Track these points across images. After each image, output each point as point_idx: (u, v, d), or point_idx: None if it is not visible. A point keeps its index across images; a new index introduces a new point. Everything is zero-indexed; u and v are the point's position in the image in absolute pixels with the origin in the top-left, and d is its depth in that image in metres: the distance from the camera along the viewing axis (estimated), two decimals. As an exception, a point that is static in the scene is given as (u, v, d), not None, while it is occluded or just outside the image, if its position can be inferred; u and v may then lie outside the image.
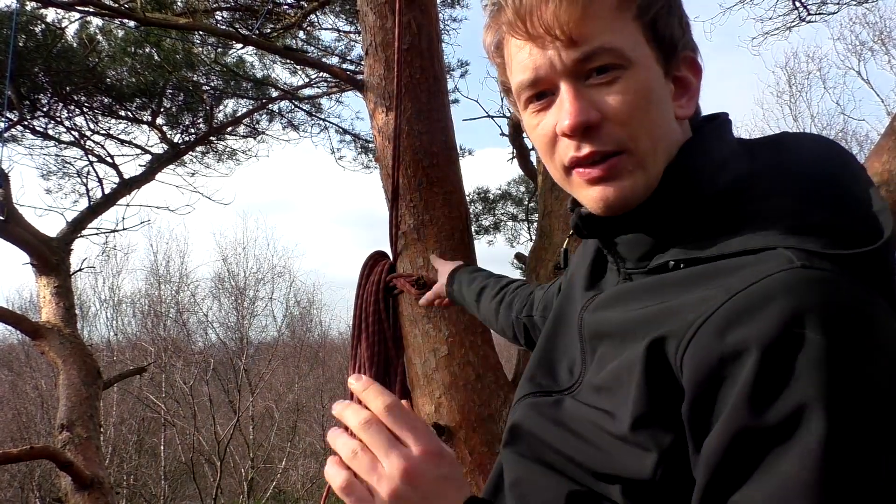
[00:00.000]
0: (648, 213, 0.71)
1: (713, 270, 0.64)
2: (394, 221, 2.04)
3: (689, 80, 0.74)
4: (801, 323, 0.54)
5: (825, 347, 0.53)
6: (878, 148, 2.09)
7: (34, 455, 3.84)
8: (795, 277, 0.57)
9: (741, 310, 0.57)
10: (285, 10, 6.08)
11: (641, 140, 0.69)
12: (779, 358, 0.54)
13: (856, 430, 0.51)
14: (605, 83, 0.69)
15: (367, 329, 1.95)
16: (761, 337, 0.55)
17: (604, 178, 0.70)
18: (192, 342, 17.28)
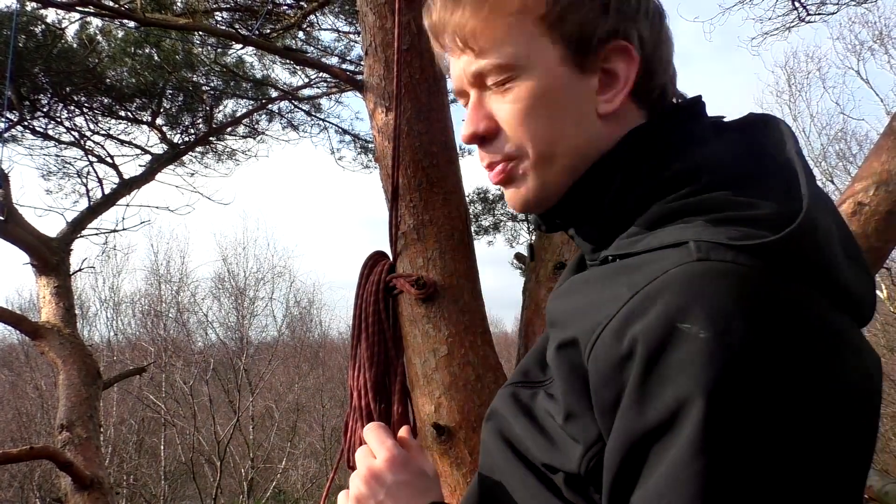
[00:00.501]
0: (569, 209, 0.73)
1: (631, 266, 0.63)
2: (393, 221, 2.04)
3: (617, 71, 0.70)
4: (684, 317, 0.53)
5: (706, 341, 0.51)
6: (877, 148, 2.10)
7: (34, 455, 3.85)
8: (688, 271, 0.56)
9: (636, 309, 0.56)
10: (285, 10, 6.08)
11: (533, 145, 0.70)
12: (660, 355, 0.53)
13: (737, 422, 0.50)
14: (500, 92, 0.70)
15: (366, 329, 1.96)
16: (646, 335, 0.54)
17: (504, 181, 0.73)
18: (192, 342, 17.29)
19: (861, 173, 2.08)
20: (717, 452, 0.50)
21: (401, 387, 1.95)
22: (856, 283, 0.61)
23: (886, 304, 12.14)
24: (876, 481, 3.58)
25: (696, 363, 0.51)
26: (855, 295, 0.61)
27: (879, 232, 1.99)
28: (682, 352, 0.52)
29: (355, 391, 1.94)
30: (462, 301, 1.99)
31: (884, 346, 12.91)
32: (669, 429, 0.52)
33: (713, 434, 0.50)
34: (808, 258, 0.57)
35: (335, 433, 16.14)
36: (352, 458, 1.95)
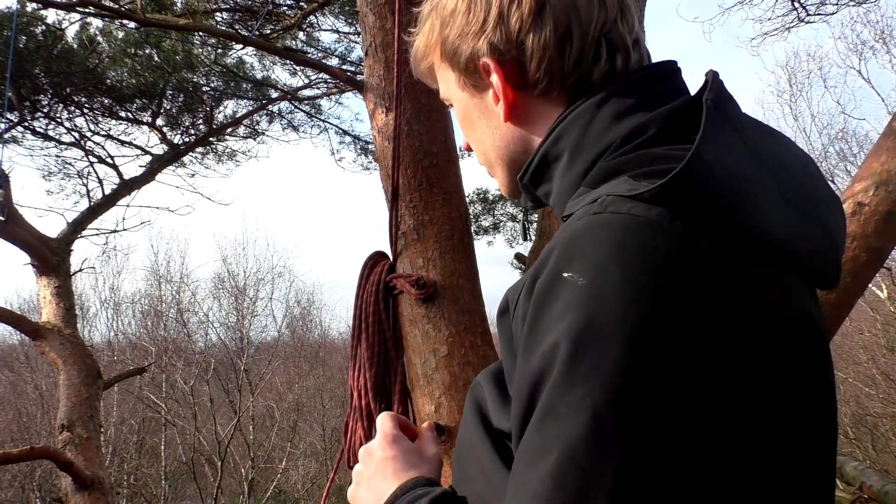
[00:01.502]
0: (535, 192, 0.80)
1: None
2: (393, 222, 2.04)
3: (488, 84, 0.77)
4: (569, 267, 0.54)
5: (582, 287, 0.52)
6: (876, 148, 2.10)
7: (34, 455, 3.85)
8: (581, 226, 0.57)
9: (538, 266, 0.59)
10: (285, 11, 6.08)
11: (481, 155, 0.84)
12: (546, 303, 0.55)
13: (599, 365, 0.50)
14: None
15: (366, 329, 1.96)
16: (539, 287, 0.56)
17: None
18: (193, 342, 17.29)
19: (861, 173, 2.08)
20: (569, 398, 0.50)
21: (401, 387, 1.96)
22: (786, 232, 0.59)
23: (886, 304, 12.13)
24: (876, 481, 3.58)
25: (569, 309, 0.52)
26: (783, 243, 0.59)
27: (879, 232, 1.99)
28: (563, 299, 0.53)
29: (355, 391, 1.94)
30: (462, 301, 1.99)
31: (884, 345, 12.90)
32: (544, 373, 0.53)
33: (568, 380, 0.51)
34: (704, 205, 0.56)
35: (335, 433, 16.15)
36: (352, 458, 1.95)
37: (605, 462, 0.48)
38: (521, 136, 0.78)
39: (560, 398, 0.51)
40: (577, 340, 0.51)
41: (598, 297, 0.52)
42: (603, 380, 0.50)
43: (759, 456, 0.53)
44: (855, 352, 13.31)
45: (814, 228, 0.62)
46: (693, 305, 0.52)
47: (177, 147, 7.13)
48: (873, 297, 12.27)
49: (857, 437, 12.58)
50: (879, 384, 12.64)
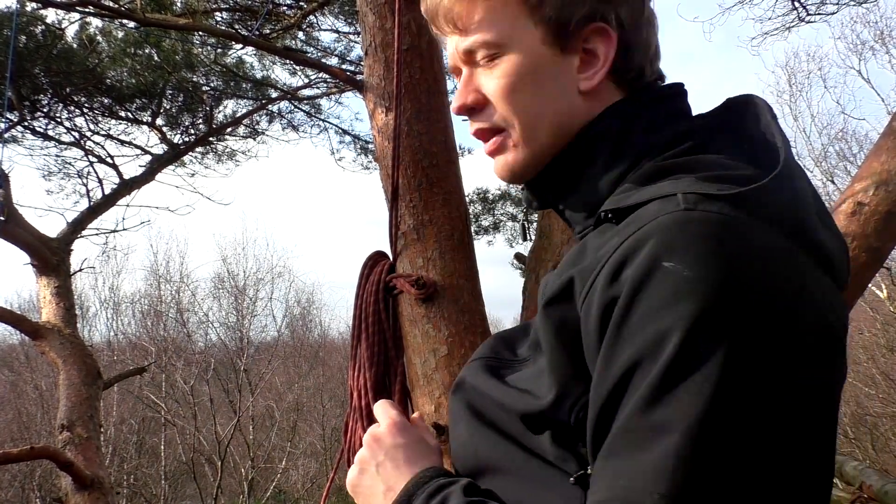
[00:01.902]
0: (554, 177, 0.78)
1: (624, 221, 0.66)
2: (393, 221, 2.04)
3: (597, 51, 0.75)
4: (669, 256, 0.56)
5: (688, 279, 0.54)
6: (876, 148, 2.10)
7: (34, 455, 3.85)
8: (673, 219, 0.59)
9: (627, 253, 0.59)
10: (285, 10, 6.08)
11: (519, 118, 0.76)
12: (645, 290, 0.56)
13: (713, 355, 0.53)
14: (488, 67, 0.76)
15: (366, 329, 1.96)
16: (634, 273, 0.57)
17: (491, 151, 0.79)
18: (193, 342, 17.29)
19: (861, 173, 2.08)
20: (688, 382, 0.53)
21: (401, 387, 1.96)
22: (829, 244, 0.65)
23: (886, 304, 12.14)
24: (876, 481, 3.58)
25: (678, 298, 0.54)
26: (829, 253, 0.64)
27: (879, 232, 1.99)
28: (666, 288, 0.55)
29: (355, 391, 1.94)
30: (462, 301, 1.99)
31: (884, 345, 12.91)
32: (649, 359, 0.55)
33: (686, 365, 0.53)
34: (783, 211, 0.61)
35: (335, 433, 16.15)
36: (352, 458, 1.95)
37: (726, 442, 0.52)
38: (584, 113, 0.76)
39: (676, 383, 0.53)
40: (692, 329, 0.53)
41: (707, 287, 0.54)
42: (721, 365, 0.52)
43: (814, 446, 0.57)
44: (855, 352, 13.30)
45: (836, 239, 0.68)
46: (786, 299, 0.56)
47: (177, 147, 7.13)
48: (873, 297, 12.27)
49: (857, 437, 12.59)
50: (879, 384, 12.64)
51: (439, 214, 2.03)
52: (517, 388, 0.72)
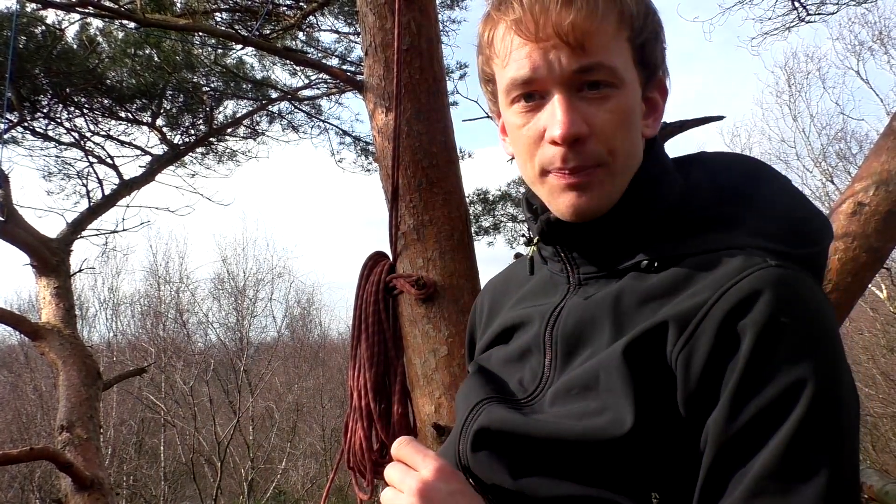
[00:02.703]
0: (618, 220, 0.77)
1: (688, 271, 0.72)
2: (393, 222, 2.04)
3: (658, 101, 0.81)
4: (785, 314, 0.64)
5: (805, 334, 0.64)
6: (876, 148, 2.10)
7: (34, 456, 3.84)
8: (774, 274, 0.66)
9: (735, 302, 0.65)
10: (285, 11, 6.08)
11: (619, 156, 0.75)
12: (772, 344, 0.63)
13: (834, 396, 0.63)
14: (596, 98, 0.73)
15: (366, 329, 1.96)
16: (756, 327, 0.64)
17: (579, 185, 0.74)
18: (192, 343, 17.28)
19: (861, 173, 2.08)
20: (826, 419, 0.62)
21: (401, 387, 1.96)
22: None
23: (886, 304, 12.13)
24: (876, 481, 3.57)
25: (803, 352, 0.63)
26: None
27: (879, 232, 1.99)
28: (790, 343, 0.63)
29: (355, 391, 1.94)
30: (462, 301, 1.99)
31: (884, 345, 12.90)
32: (785, 407, 0.62)
33: (824, 406, 0.62)
34: (823, 265, 0.76)
35: (335, 433, 16.13)
36: (352, 458, 1.95)
37: (852, 475, 0.63)
38: (640, 158, 0.79)
39: (816, 428, 0.61)
40: (825, 380, 0.63)
41: (826, 342, 0.65)
42: (843, 411, 0.64)
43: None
44: (855, 352, 13.30)
45: None
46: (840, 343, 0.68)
47: (177, 147, 7.12)
48: (873, 297, 12.27)
49: (857, 438, 12.56)
50: (879, 384, 12.64)
51: (439, 215, 2.03)
52: (567, 418, 0.71)
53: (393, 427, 1.91)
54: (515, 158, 0.82)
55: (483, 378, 0.85)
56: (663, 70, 0.81)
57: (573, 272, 0.81)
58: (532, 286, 0.90)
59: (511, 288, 0.96)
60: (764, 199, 0.76)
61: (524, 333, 0.85)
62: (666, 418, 0.67)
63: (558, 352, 0.78)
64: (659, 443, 0.67)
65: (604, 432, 0.67)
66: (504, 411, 0.76)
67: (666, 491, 0.67)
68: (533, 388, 0.78)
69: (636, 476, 0.68)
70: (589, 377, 0.71)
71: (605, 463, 0.68)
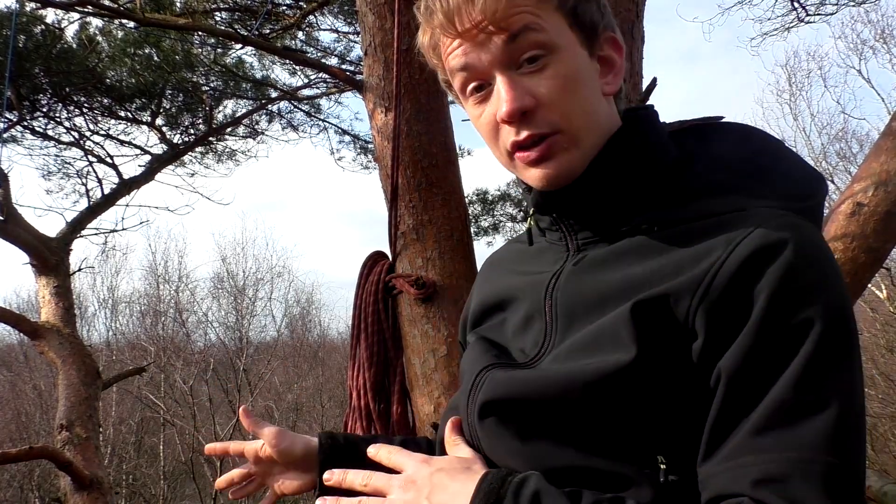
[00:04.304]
0: (602, 180, 0.78)
1: (693, 231, 0.72)
2: (393, 222, 2.04)
3: (613, 58, 0.82)
4: (801, 258, 0.66)
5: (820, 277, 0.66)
6: (876, 148, 2.10)
7: (33, 455, 3.84)
8: (785, 222, 0.68)
9: (752, 251, 0.67)
10: (284, 10, 6.08)
11: (573, 119, 0.76)
12: (787, 287, 0.65)
13: (844, 333, 0.65)
14: (535, 71, 0.75)
15: (366, 329, 1.96)
16: (773, 273, 0.65)
17: (541, 158, 0.77)
18: (192, 342, 17.28)
19: (860, 174, 2.08)
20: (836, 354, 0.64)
21: (400, 387, 1.96)
22: None
23: (886, 304, 12.13)
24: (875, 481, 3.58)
25: (815, 292, 0.65)
26: None
27: (878, 232, 1.99)
28: (803, 285, 0.65)
29: (355, 391, 1.94)
30: (461, 301, 1.99)
31: (884, 346, 12.90)
32: (798, 341, 0.64)
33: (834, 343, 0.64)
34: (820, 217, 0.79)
35: (335, 433, 16.12)
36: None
37: (859, 405, 0.64)
38: (610, 117, 0.80)
39: (830, 363, 0.63)
40: (835, 318, 0.64)
41: (835, 282, 0.67)
42: (851, 346, 0.65)
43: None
44: (854, 352, 13.28)
45: None
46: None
47: (176, 147, 7.12)
48: (873, 297, 12.27)
49: (856, 438, 12.56)
50: (878, 384, 12.64)
51: (439, 215, 2.03)
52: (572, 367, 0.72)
53: (392, 427, 1.91)
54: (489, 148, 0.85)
55: (485, 345, 0.86)
56: (607, 25, 0.81)
57: (571, 238, 0.83)
58: (530, 257, 0.91)
59: (508, 259, 0.98)
60: (749, 161, 0.78)
61: (524, 302, 0.86)
62: (673, 370, 0.68)
63: (558, 315, 0.79)
64: (665, 391, 0.67)
65: (609, 365, 0.69)
66: (507, 373, 0.77)
67: (672, 454, 0.67)
68: (535, 353, 0.79)
69: (642, 439, 0.68)
70: (594, 336, 0.72)
71: (610, 414, 0.68)
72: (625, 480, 0.68)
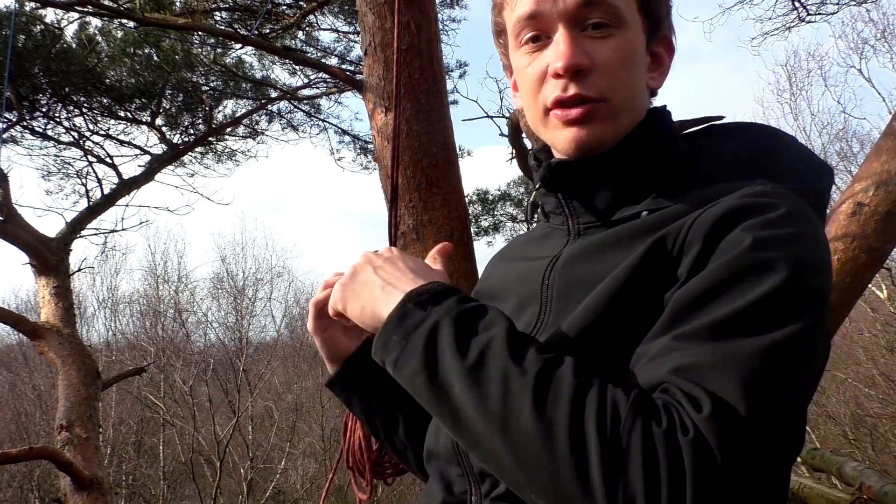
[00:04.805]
0: (619, 163, 0.79)
1: (684, 203, 0.74)
2: (393, 222, 2.04)
3: (664, 57, 0.85)
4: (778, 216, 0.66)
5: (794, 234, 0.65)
6: (876, 148, 2.10)
7: (33, 455, 3.84)
8: (771, 189, 0.69)
9: (741, 204, 0.67)
10: (284, 10, 6.08)
11: (619, 93, 0.77)
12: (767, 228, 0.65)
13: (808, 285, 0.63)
14: (599, 37, 0.76)
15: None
16: (761, 219, 0.66)
17: (580, 120, 0.77)
18: (192, 342, 17.29)
19: (861, 174, 2.08)
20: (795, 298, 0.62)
21: (400, 387, 1.95)
22: None
23: (886, 304, 12.14)
24: (876, 482, 3.57)
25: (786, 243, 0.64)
26: None
27: (879, 232, 1.99)
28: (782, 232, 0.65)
29: (355, 391, 1.93)
30: (461, 301, 1.99)
31: (884, 345, 12.90)
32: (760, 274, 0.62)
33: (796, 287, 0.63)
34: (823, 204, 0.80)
35: (335, 433, 16.13)
36: (351, 458, 1.94)
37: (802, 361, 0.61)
38: (644, 106, 0.82)
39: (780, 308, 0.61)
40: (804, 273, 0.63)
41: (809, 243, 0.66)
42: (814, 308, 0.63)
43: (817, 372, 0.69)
44: (855, 352, 13.31)
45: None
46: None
47: (176, 147, 7.12)
48: (873, 297, 12.27)
49: (857, 438, 12.58)
50: (879, 384, 12.64)
51: (439, 215, 2.02)
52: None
53: (392, 427, 1.91)
54: (523, 104, 0.85)
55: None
56: (667, 26, 0.84)
57: (573, 222, 0.83)
58: (532, 243, 0.92)
59: (510, 251, 1.00)
60: (779, 162, 0.79)
61: (521, 287, 0.87)
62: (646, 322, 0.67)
63: (553, 297, 0.79)
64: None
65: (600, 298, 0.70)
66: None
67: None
68: (528, 333, 0.78)
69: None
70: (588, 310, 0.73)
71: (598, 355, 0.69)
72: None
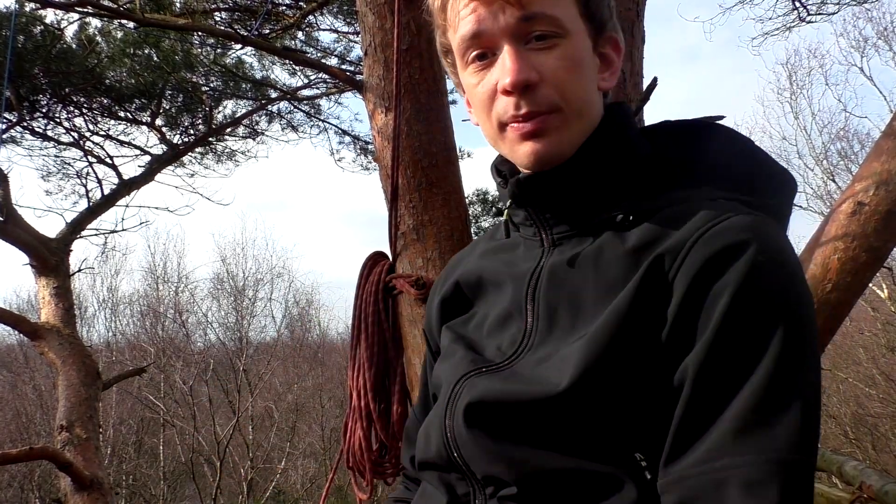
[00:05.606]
0: (583, 170, 0.80)
1: (665, 222, 0.74)
2: (393, 222, 2.04)
3: (612, 57, 0.85)
4: (763, 255, 0.67)
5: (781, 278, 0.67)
6: (877, 147, 2.10)
7: (34, 456, 3.84)
8: (748, 221, 0.70)
9: (715, 248, 0.68)
10: (284, 10, 6.08)
11: (572, 101, 0.77)
12: (749, 286, 0.66)
13: (805, 333, 0.66)
14: (543, 48, 0.77)
15: (366, 329, 1.95)
16: (736, 270, 0.66)
17: (535, 133, 0.77)
18: (192, 342, 17.29)
19: (861, 173, 2.08)
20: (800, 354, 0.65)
21: (400, 387, 1.95)
22: None
23: (887, 303, 12.14)
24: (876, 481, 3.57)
25: (776, 295, 0.66)
26: None
27: (879, 232, 1.99)
28: (765, 286, 0.66)
29: (355, 391, 1.94)
30: (462, 301, 1.99)
31: (884, 345, 12.91)
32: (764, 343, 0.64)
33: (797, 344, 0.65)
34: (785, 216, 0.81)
35: (335, 433, 16.14)
36: (351, 458, 1.94)
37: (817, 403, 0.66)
38: (598, 108, 0.82)
39: (795, 363, 0.64)
40: (797, 319, 0.66)
41: (796, 283, 0.68)
42: (814, 343, 0.67)
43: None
44: (855, 352, 13.32)
45: None
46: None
47: (176, 147, 7.12)
48: (873, 297, 12.29)
49: (857, 437, 12.59)
50: (879, 384, 12.65)
51: (439, 215, 2.02)
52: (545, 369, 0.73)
53: (392, 427, 1.91)
54: (478, 121, 0.85)
55: (462, 350, 0.86)
56: (612, 26, 0.84)
57: (546, 233, 0.83)
58: (505, 247, 0.91)
59: (473, 252, 0.99)
60: (718, 157, 0.81)
61: (500, 298, 0.86)
62: (646, 363, 0.69)
63: (540, 315, 0.79)
64: (639, 385, 0.68)
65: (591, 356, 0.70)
66: (486, 381, 0.77)
67: (650, 451, 0.68)
68: (511, 352, 0.79)
69: (618, 436, 0.68)
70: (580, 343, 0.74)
71: (591, 412, 0.69)
72: (611, 481, 0.68)
